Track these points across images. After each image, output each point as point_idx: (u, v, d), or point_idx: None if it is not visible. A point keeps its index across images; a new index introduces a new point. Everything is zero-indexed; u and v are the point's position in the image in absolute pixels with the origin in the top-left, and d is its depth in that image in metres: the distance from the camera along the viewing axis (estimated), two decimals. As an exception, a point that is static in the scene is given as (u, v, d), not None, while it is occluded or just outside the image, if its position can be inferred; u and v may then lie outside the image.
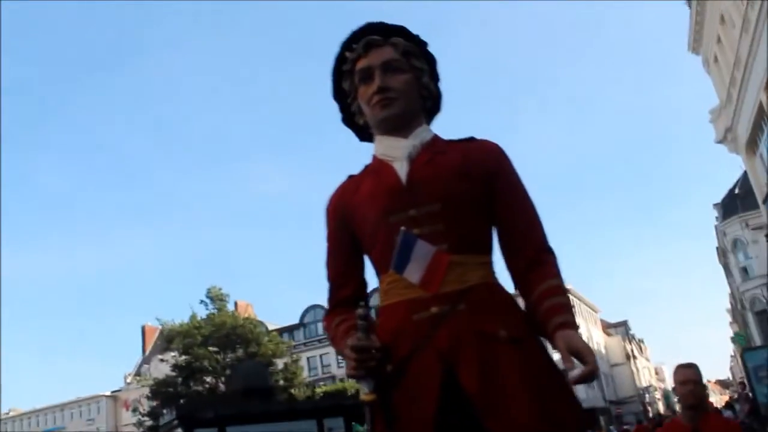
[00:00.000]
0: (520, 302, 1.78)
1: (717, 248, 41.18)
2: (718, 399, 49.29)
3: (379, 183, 1.80)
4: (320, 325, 60.85)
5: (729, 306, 60.94)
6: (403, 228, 1.66)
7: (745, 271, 35.46)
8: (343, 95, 1.96)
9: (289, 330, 54.66)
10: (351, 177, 1.94)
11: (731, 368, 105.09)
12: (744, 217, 32.39)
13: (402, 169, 1.79)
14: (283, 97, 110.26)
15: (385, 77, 1.81)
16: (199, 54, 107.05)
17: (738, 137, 26.27)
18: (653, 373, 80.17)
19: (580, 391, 49.28)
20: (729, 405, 29.79)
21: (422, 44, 1.94)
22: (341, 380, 43.99)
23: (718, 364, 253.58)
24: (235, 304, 40.33)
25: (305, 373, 42.22)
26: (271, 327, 43.02)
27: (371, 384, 1.59)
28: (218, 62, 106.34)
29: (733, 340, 47.29)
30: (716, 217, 37.06)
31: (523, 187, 1.85)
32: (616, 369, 62.82)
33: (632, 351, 69.98)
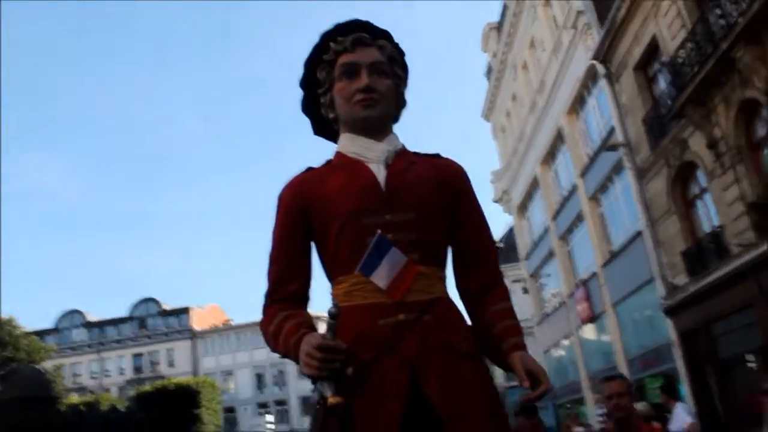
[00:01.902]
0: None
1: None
2: None
3: (354, 181, 1.77)
4: (75, 332, 56.64)
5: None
6: (379, 231, 1.66)
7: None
8: (313, 83, 1.92)
9: (40, 334, 50.08)
10: (310, 169, 1.89)
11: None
12: (503, 269, 36.67)
13: (379, 172, 1.77)
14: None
15: (372, 78, 1.80)
16: None
17: (512, 200, 30.22)
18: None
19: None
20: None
21: (402, 53, 1.95)
22: (91, 392, 41.28)
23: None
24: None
25: (57, 382, 39.25)
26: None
27: (332, 386, 1.53)
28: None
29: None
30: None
31: (483, 213, 1.90)
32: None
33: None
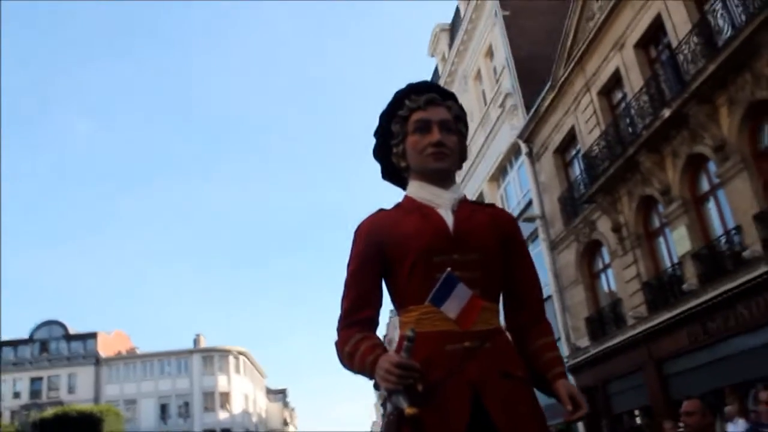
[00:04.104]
0: None
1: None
2: None
3: (427, 223, 1.98)
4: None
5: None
6: (449, 268, 1.86)
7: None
8: (386, 135, 2.17)
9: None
10: (383, 210, 2.12)
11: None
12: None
13: (447, 217, 2.01)
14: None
15: (442, 134, 2.04)
16: None
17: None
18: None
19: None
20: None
21: (464, 113, 2.21)
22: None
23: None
24: None
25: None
26: None
27: (407, 400, 1.71)
28: None
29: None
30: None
31: (531, 257, 2.17)
32: (272, 434, 65.69)
33: (287, 418, 73.81)
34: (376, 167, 2.27)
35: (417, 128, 2.06)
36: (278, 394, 74.13)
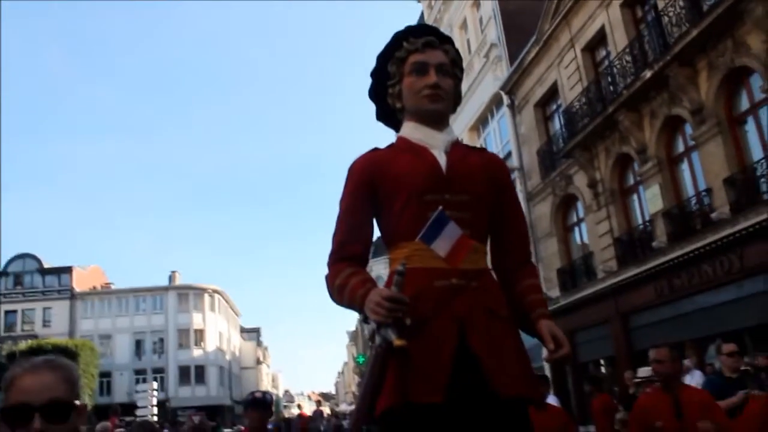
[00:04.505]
0: None
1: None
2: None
3: (420, 163, 2.02)
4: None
5: (353, 329, 69.32)
6: (440, 207, 1.88)
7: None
8: (382, 76, 2.19)
9: None
10: (377, 149, 2.15)
11: (336, 384, 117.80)
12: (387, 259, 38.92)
13: (441, 157, 2.04)
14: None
15: (438, 77, 2.07)
16: None
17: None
18: (271, 379, 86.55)
19: (212, 388, 51.77)
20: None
21: (461, 58, 2.23)
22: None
23: (325, 379, 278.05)
24: None
25: None
26: None
27: (395, 332, 1.74)
28: None
29: (356, 359, 55.02)
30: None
31: (519, 202, 2.23)
32: (246, 372, 66.76)
33: (260, 356, 75.02)
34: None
35: (414, 70, 2.09)
36: (252, 333, 75.08)
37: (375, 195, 2.05)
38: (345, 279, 1.96)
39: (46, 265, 52.97)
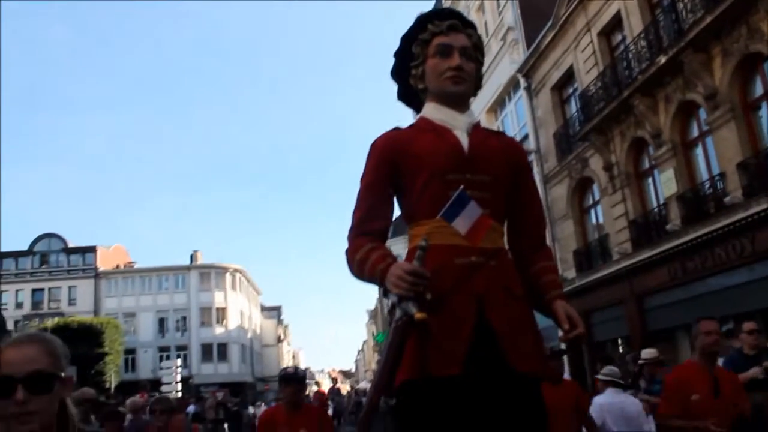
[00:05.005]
0: None
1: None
2: (341, 387, 56.10)
3: (442, 142, 2.06)
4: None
5: (373, 307, 69.93)
6: (462, 186, 1.94)
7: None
8: (406, 57, 2.22)
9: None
10: (398, 129, 2.19)
11: (356, 361, 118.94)
12: (405, 238, 39.32)
13: (463, 138, 2.08)
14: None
15: (462, 59, 2.11)
16: None
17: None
18: (291, 357, 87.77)
19: (234, 365, 52.74)
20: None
21: (482, 43, 2.26)
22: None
23: (345, 357, 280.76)
24: None
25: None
26: None
27: (416, 305, 1.77)
28: None
29: (375, 338, 55.76)
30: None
31: (536, 185, 2.27)
32: (267, 349, 67.93)
33: (281, 335, 76.08)
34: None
35: (438, 52, 2.13)
36: (273, 311, 76.02)
37: (396, 172, 2.08)
38: (365, 253, 2.00)
39: (70, 245, 54.04)
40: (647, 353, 7.71)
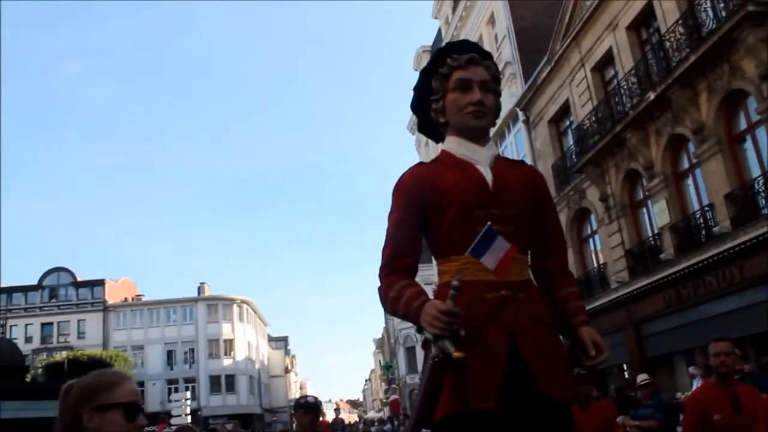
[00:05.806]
0: None
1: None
2: (347, 417, 55.85)
3: (467, 178, 2.10)
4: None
5: (380, 336, 69.93)
6: (489, 222, 1.99)
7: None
8: (426, 90, 2.26)
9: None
10: (422, 164, 2.23)
11: (364, 391, 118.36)
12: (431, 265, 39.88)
13: (486, 173, 2.11)
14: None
15: (482, 93, 2.14)
16: None
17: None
18: (299, 387, 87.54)
19: (242, 397, 52.80)
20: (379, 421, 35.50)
21: (499, 74, 2.30)
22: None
23: (351, 387, 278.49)
24: None
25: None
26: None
27: (452, 343, 1.82)
28: None
29: (383, 367, 55.87)
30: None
31: (557, 212, 2.33)
32: (274, 380, 67.95)
33: (288, 365, 76.07)
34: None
35: (458, 86, 2.15)
36: (280, 342, 76.18)
37: (424, 208, 2.11)
38: (399, 291, 2.03)
39: (79, 278, 54.57)
40: (641, 378, 8.20)
